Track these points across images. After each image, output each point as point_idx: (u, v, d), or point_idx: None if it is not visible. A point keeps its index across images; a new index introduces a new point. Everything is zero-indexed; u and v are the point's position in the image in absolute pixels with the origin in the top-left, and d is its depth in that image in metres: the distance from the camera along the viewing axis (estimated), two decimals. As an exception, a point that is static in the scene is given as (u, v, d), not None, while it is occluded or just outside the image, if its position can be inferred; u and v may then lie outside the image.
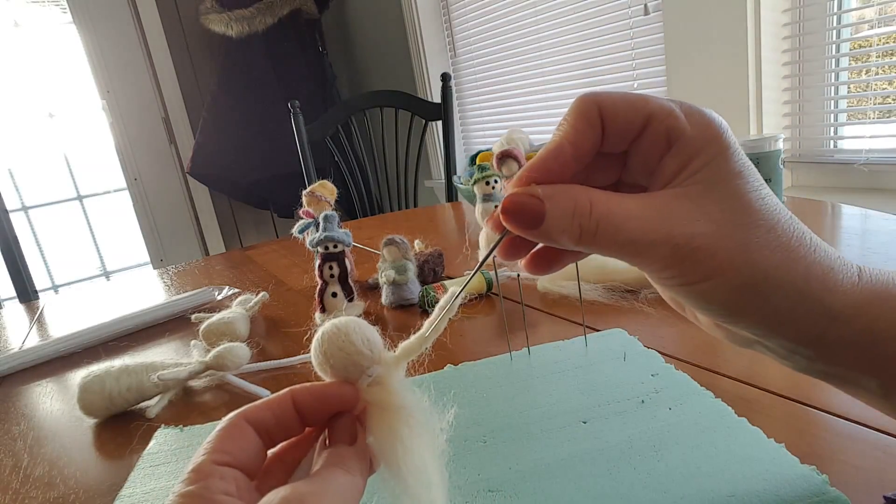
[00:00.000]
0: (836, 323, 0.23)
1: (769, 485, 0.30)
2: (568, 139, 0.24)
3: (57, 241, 2.77)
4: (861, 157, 1.24)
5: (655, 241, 0.22)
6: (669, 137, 0.24)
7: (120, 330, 0.73)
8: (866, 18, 1.21)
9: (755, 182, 0.23)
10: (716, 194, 0.23)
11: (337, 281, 0.65)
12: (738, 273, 0.22)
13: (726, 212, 0.23)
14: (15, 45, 2.51)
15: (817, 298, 0.23)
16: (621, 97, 0.24)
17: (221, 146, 2.47)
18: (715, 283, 0.23)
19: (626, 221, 0.23)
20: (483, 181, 0.76)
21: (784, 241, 0.23)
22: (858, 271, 0.24)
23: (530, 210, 0.23)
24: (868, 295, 0.23)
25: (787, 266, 0.22)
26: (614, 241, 0.23)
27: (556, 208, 0.23)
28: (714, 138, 0.23)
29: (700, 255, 0.22)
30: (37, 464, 0.46)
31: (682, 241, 0.22)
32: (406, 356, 0.26)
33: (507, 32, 2.07)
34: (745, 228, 0.23)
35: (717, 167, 0.23)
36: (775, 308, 0.23)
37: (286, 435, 0.24)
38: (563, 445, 0.36)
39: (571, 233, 0.23)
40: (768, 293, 0.23)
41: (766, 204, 0.23)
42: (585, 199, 0.23)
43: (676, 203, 0.23)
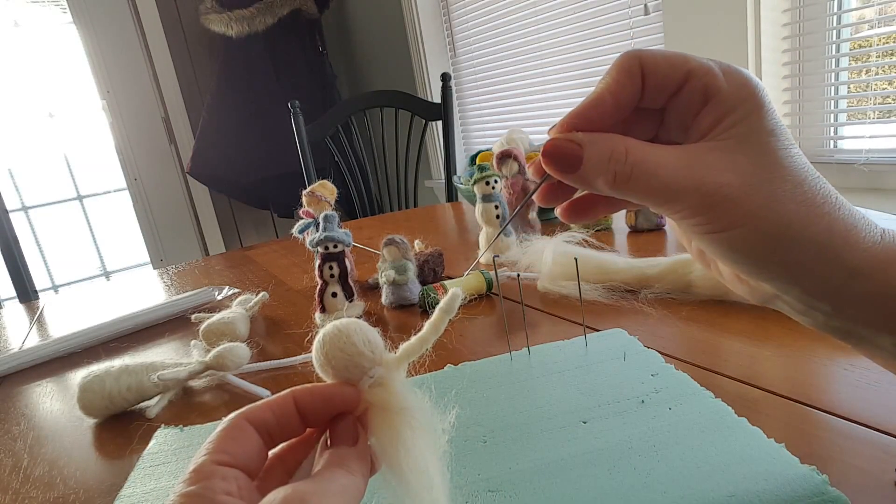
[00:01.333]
0: (856, 278, 0.24)
1: (769, 485, 0.30)
2: (609, 90, 0.25)
3: (57, 241, 2.77)
4: (861, 157, 1.23)
5: (686, 188, 0.24)
6: (707, 93, 0.24)
7: (120, 330, 0.73)
8: (866, 18, 1.21)
9: (786, 141, 0.24)
10: (747, 148, 0.24)
11: (337, 281, 0.66)
12: (763, 222, 0.23)
13: (756, 165, 0.24)
14: (15, 45, 2.51)
15: (838, 253, 0.23)
16: (662, 55, 0.25)
17: (221, 146, 2.47)
18: (740, 232, 0.24)
19: (659, 168, 0.24)
20: (483, 181, 0.76)
21: (810, 196, 0.24)
22: (882, 232, 0.24)
23: (570, 154, 0.25)
24: (889, 254, 0.24)
25: (810, 220, 0.23)
26: (647, 186, 0.24)
27: (594, 153, 0.24)
28: (749, 96, 0.24)
29: (728, 203, 0.23)
30: (37, 464, 0.46)
31: (711, 188, 0.23)
32: (407, 357, 0.26)
33: (507, 32, 2.07)
34: (773, 182, 0.23)
35: (750, 123, 0.24)
36: (797, 259, 0.24)
37: (287, 436, 0.24)
38: (563, 445, 0.36)
39: (607, 176, 0.24)
40: (791, 244, 0.23)
41: (795, 161, 0.24)
42: (622, 145, 0.24)
43: (709, 154, 0.24)
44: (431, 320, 0.27)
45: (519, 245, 0.74)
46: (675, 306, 0.55)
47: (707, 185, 0.23)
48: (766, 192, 0.23)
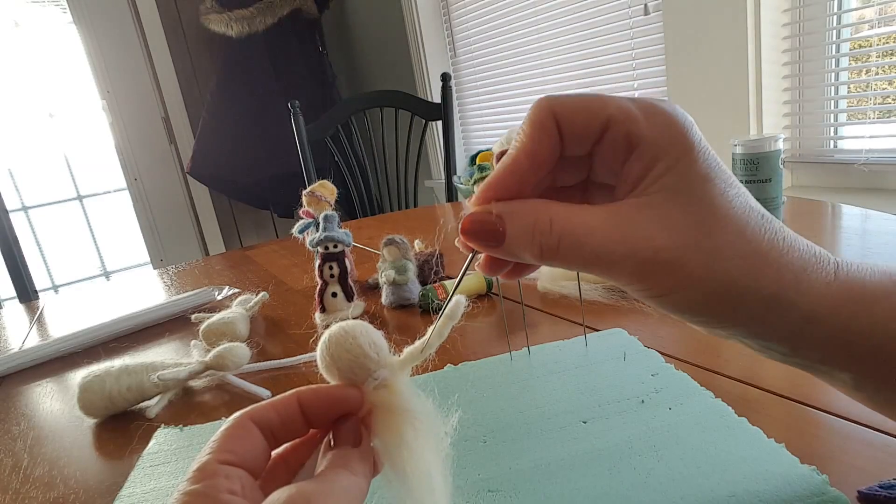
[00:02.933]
0: (810, 324, 0.23)
1: (769, 485, 0.30)
2: (524, 151, 0.23)
3: (57, 241, 2.77)
4: (861, 157, 1.23)
5: (620, 255, 0.22)
6: (630, 142, 0.23)
7: (120, 330, 0.73)
8: (866, 18, 1.21)
9: (722, 184, 0.22)
10: (681, 200, 0.22)
11: (337, 281, 0.66)
12: (705, 284, 0.22)
13: (691, 219, 0.22)
14: (15, 45, 2.51)
15: (790, 302, 0.22)
16: (578, 102, 0.23)
17: (221, 146, 2.47)
18: (684, 295, 0.22)
19: (587, 237, 0.22)
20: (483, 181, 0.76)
21: (754, 246, 0.22)
22: (836, 268, 0.23)
23: (489, 229, 0.23)
24: (843, 294, 0.23)
25: (756, 272, 0.22)
26: (578, 257, 0.23)
27: (516, 226, 0.23)
28: (676, 140, 0.22)
29: (666, 267, 0.22)
30: (37, 464, 0.46)
31: (646, 255, 0.22)
32: (411, 361, 0.26)
33: (507, 32, 2.07)
34: (711, 236, 0.22)
35: (680, 171, 0.22)
36: (748, 313, 0.23)
37: (291, 436, 0.24)
38: (563, 445, 0.36)
39: (533, 250, 0.23)
40: (739, 300, 0.22)
41: (735, 207, 0.22)
42: (545, 215, 0.22)
43: (640, 214, 0.22)
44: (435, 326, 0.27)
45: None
46: (675, 306, 0.55)
47: (641, 252, 0.22)
48: (706, 249, 0.22)
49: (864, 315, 0.23)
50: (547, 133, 0.23)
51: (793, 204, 0.86)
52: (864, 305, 0.23)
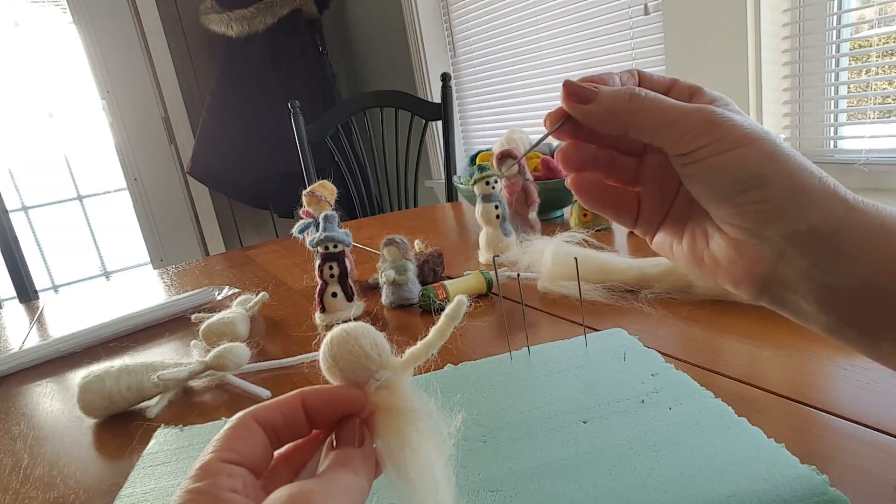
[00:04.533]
0: (855, 212, 0.25)
1: (769, 485, 0.30)
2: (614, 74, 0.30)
3: (57, 241, 2.77)
4: (861, 157, 1.23)
5: (693, 111, 0.27)
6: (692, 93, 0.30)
7: (120, 330, 0.73)
8: (866, 18, 1.21)
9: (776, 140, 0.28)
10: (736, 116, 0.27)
11: (337, 281, 0.66)
12: (763, 144, 0.26)
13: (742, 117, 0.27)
14: (15, 45, 2.51)
15: (834, 189, 0.26)
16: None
17: (221, 146, 2.47)
18: (746, 150, 0.26)
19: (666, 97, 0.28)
20: (483, 181, 0.76)
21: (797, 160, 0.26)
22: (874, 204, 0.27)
23: (586, 89, 0.28)
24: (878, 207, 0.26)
25: (803, 163, 0.26)
26: (659, 107, 0.27)
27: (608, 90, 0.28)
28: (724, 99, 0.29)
29: (730, 125, 0.26)
30: (37, 464, 0.46)
31: (715, 114, 0.26)
32: (413, 362, 0.26)
33: (507, 32, 2.07)
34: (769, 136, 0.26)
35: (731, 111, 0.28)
36: (799, 183, 0.25)
37: (294, 436, 0.24)
38: (562, 445, 0.36)
39: (622, 100, 0.28)
40: (792, 169, 0.26)
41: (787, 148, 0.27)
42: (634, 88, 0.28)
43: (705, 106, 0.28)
44: (437, 326, 0.27)
45: (519, 245, 0.74)
46: (675, 306, 0.55)
47: (710, 112, 0.27)
48: (758, 131, 0.26)
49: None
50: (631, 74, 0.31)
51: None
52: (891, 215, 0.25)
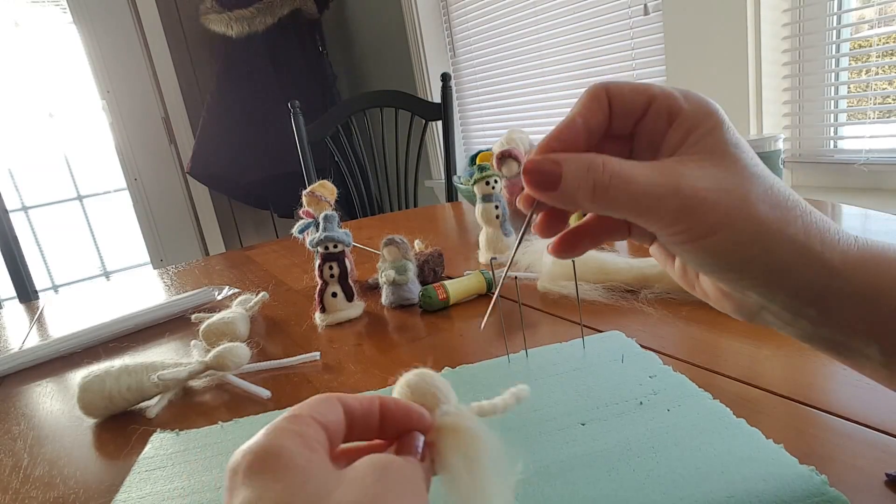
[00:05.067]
0: (837, 278, 0.24)
1: (768, 485, 0.30)
2: (580, 114, 0.26)
3: (57, 241, 2.77)
4: (861, 157, 1.23)
5: (665, 193, 0.24)
6: (671, 114, 0.26)
7: (120, 330, 0.73)
8: (866, 18, 1.21)
9: (749, 152, 0.25)
10: (716, 159, 0.25)
11: (337, 281, 0.66)
12: (741, 225, 0.24)
13: (726, 173, 0.24)
14: (15, 45, 2.51)
15: (817, 253, 0.24)
16: (627, 83, 0.27)
17: (221, 146, 2.47)
18: (721, 237, 0.24)
19: (636, 177, 0.24)
20: (483, 181, 0.76)
21: (781, 199, 0.25)
22: (856, 236, 0.25)
23: (549, 171, 0.25)
24: (866, 254, 0.25)
25: (785, 221, 0.24)
26: (627, 193, 0.24)
27: (572, 168, 0.25)
28: (710, 113, 0.25)
29: (705, 207, 0.24)
30: (37, 464, 0.46)
31: (688, 192, 0.24)
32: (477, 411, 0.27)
33: (507, 32, 2.07)
34: (744, 187, 0.24)
35: (715, 138, 0.25)
36: (778, 261, 0.24)
37: (364, 433, 0.25)
38: (561, 447, 0.36)
39: (586, 188, 0.25)
40: (770, 246, 0.24)
41: (762, 170, 0.25)
42: (598, 158, 0.25)
43: (681, 165, 0.25)
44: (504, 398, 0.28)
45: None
46: (675, 306, 0.55)
47: (684, 188, 0.24)
48: (740, 195, 0.24)
49: (886, 274, 0.24)
50: (600, 103, 0.26)
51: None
52: (886, 265, 0.24)
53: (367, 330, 0.63)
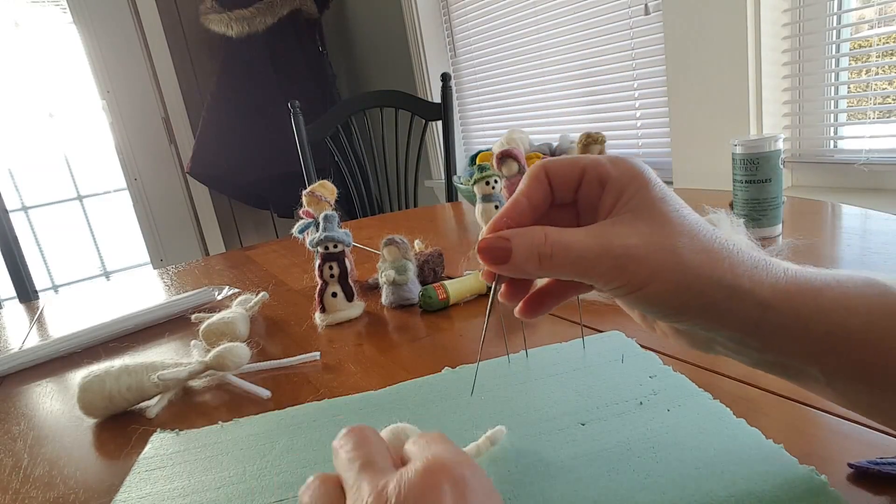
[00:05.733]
0: (769, 311, 0.26)
1: (768, 486, 0.30)
2: (523, 194, 0.30)
3: (57, 241, 2.77)
4: (861, 157, 1.24)
5: (599, 255, 0.27)
6: (601, 181, 0.29)
7: (120, 330, 0.73)
8: (866, 18, 1.21)
9: (675, 204, 0.28)
10: (644, 216, 0.28)
11: (337, 281, 0.66)
12: (670, 274, 0.26)
13: (653, 227, 0.27)
14: (15, 45, 2.51)
15: (747, 290, 0.26)
16: (562, 160, 0.30)
17: (221, 146, 2.47)
18: (655, 287, 0.27)
19: (574, 244, 0.28)
20: (483, 181, 0.76)
21: (706, 245, 0.27)
22: (785, 269, 0.27)
23: (500, 247, 0.28)
24: (792, 286, 0.27)
25: (712, 264, 0.27)
26: (567, 260, 0.28)
27: (519, 243, 0.28)
28: (635, 176, 0.29)
29: (635, 262, 0.27)
30: (37, 464, 0.46)
31: (619, 251, 0.27)
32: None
33: (507, 32, 2.07)
34: (671, 238, 0.27)
35: (641, 197, 0.28)
36: (712, 302, 0.27)
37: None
38: (561, 447, 0.36)
39: (533, 259, 0.28)
40: (702, 289, 0.26)
41: (688, 220, 0.28)
42: (541, 232, 0.28)
43: (613, 227, 0.28)
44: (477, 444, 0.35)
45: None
46: (675, 307, 0.54)
47: (614, 249, 0.27)
48: (668, 246, 0.27)
49: (812, 302, 0.26)
50: (540, 182, 0.30)
51: (793, 204, 0.86)
52: (811, 295, 0.26)
53: (367, 330, 0.63)
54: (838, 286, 0.27)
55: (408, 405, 0.44)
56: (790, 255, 0.63)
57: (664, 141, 1.61)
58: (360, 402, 0.46)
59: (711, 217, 0.70)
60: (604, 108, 1.79)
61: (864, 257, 0.62)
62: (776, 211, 0.72)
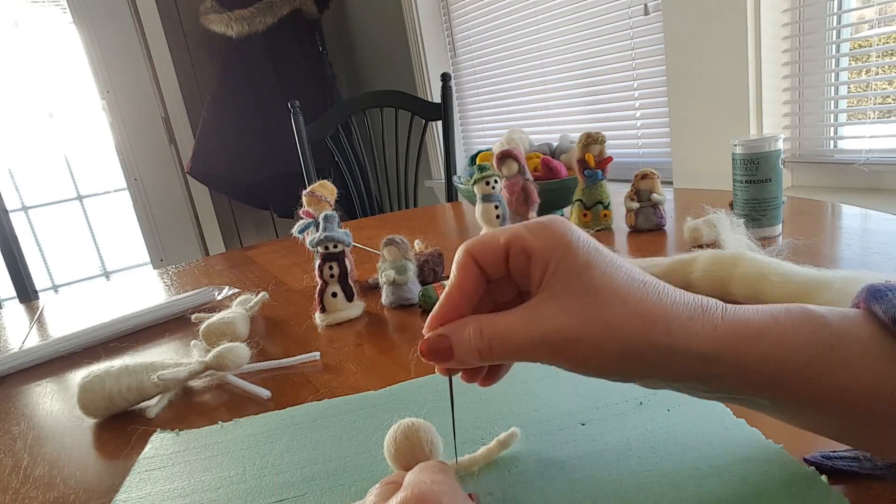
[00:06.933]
0: (709, 363, 0.26)
1: (768, 486, 0.30)
2: (455, 287, 0.30)
3: (57, 241, 2.77)
4: (861, 157, 1.24)
5: (535, 342, 0.27)
6: (525, 254, 0.29)
7: (120, 330, 0.73)
8: (866, 18, 1.21)
9: (602, 265, 0.28)
10: (572, 287, 0.27)
11: (337, 281, 0.66)
12: (608, 349, 0.27)
13: (583, 300, 0.27)
14: (15, 45, 2.51)
15: (684, 348, 0.26)
16: (484, 240, 0.30)
17: (221, 146, 2.47)
18: (597, 361, 0.27)
19: (509, 335, 0.28)
20: (483, 181, 0.76)
21: (639, 309, 0.27)
22: (723, 312, 0.27)
23: (441, 347, 0.29)
24: (729, 335, 0.26)
25: (647, 328, 0.26)
26: (507, 351, 0.28)
27: (457, 340, 0.29)
28: (558, 243, 0.28)
29: (571, 345, 0.27)
30: (37, 464, 0.46)
31: (553, 336, 0.27)
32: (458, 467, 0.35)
33: (507, 32, 2.07)
34: (601, 311, 0.27)
35: (566, 265, 0.28)
36: (654, 364, 0.27)
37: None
38: (561, 447, 0.36)
39: (474, 354, 0.28)
40: (641, 356, 0.26)
41: (616, 281, 0.27)
42: (476, 325, 0.29)
43: (544, 306, 0.28)
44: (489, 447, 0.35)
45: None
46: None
47: (548, 336, 0.27)
48: (600, 321, 0.26)
49: (752, 351, 0.26)
50: (468, 269, 0.30)
51: (793, 204, 0.86)
52: (749, 343, 0.26)
53: (367, 330, 0.63)
54: (776, 326, 0.26)
55: (408, 405, 0.44)
56: (790, 256, 0.63)
57: (664, 141, 1.61)
58: (360, 402, 0.46)
59: (711, 217, 0.70)
60: (604, 108, 1.79)
61: (864, 257, 0.62)
62: (776, 211, 0.72)
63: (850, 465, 0.30)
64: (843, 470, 0.30)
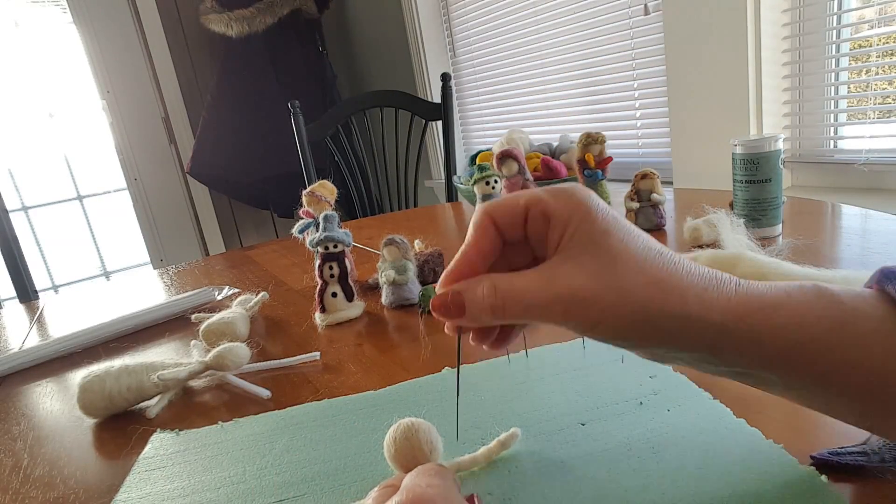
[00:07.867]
0: (722, 334, 0.26)
1: (768, 486, 0.30)
2: (471, 245, 0.30)
3: (57, 241, 2.77)
4: (861, 157, 1.24)
5: (549, 300, 0.27)
6: (545, 216, 0.29)
7: (120, 330, 0.73)
8: (866, 18, 1.21)
9: (620, 233, 0.28)
10: (589, 250, 0.27)
11: (337, 281, 0.66)
12: (621, 312, 0.27)
13: (599, 265, 0.27)
14: (15, 45, 2.51)
15: (698, 317, 0.26)
16: (503, 202, 0.30)
17: (221, 146, 2.47)
18: (607, 325, 0.27)
19: (523, 293, 0.28)
20: (483, 181, 0.76)
21: (655, 276, 0.27)
22: (736, 285, 0.27)
23: (454, 303, 0.29)
24: (744, 306, 0.27)
25: (661, 297, 0.26)
26: (519, 309, 0.28)
27: (470, 297, 0.29)
28: (578, 208, 0.28)
29: (585, 305, 0.27)
30: (37, 464, 0.46)
31: (567, 296, 0.27)
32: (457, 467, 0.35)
33: (507, 32, 2.07)
34: (617, 275, 0.27)
35: (585, 230, 0.28)
36: (666, 332, 0.27)
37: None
38: (561, 447, 0.36)
39: (487, 311, 0.28)
40: (654, 323, 0.26)
41: (633, 249, 0.27)
42: (489, 283, 0.29)
43: (560, 267, 0.28)
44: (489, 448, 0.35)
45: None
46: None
47: (563, 294, 0.27)
48: (614, 285, 0.27)
49: (766, 323, 0.26)
50: (486, 229, 0.30)
51: (793, 204, 0.86)
52: (763, 315, 0.26)
53: (367, 330, 0.63)
54: (789, 300, 0.27)
55: (408, 405, 0.44)
56: (790, 256, 0.63)
57: (664, 141, 1.61)
58: (360, 402, 0.46)
59: (711, 217, 0.70)
60: (604, 108, 1.79)
61: (864, 257, 0.62)
62: (776, 211, 0.72)
63: (857, 459, 0.30)
64: (851, 465, 0.30)
